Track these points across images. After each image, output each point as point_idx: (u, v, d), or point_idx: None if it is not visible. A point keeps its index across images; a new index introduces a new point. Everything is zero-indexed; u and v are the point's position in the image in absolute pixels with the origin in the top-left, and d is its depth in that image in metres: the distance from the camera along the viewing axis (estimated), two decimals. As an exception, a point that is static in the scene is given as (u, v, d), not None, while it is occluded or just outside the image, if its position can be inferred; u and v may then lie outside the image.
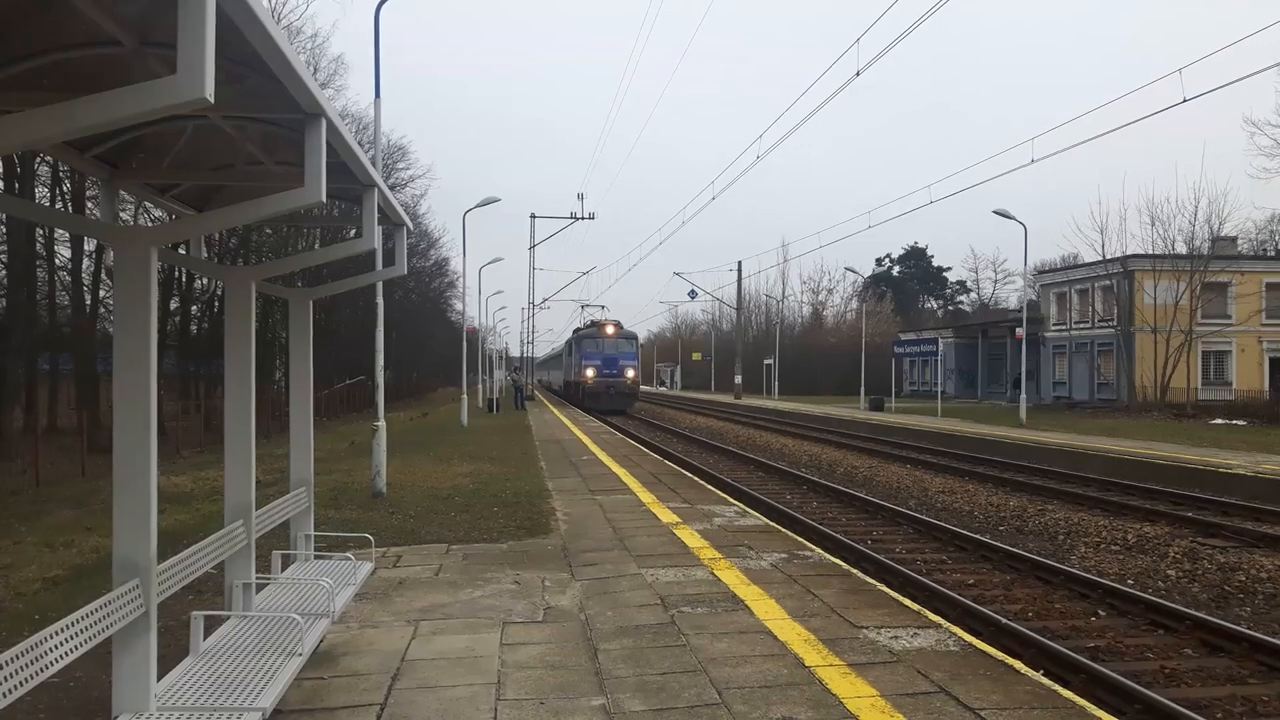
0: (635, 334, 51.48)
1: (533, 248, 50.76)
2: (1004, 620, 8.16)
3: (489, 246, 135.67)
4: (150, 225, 15.53)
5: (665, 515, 11.49)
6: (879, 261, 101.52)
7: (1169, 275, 44.88)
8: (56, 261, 30.36)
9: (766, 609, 6.87)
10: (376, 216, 5.40)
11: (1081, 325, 53.66)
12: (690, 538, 9.90)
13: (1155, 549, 11.91)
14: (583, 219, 47.39)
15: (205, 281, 35.13)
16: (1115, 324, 49.00)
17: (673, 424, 39.30)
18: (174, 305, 35.02)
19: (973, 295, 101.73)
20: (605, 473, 16.56)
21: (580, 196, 65.63)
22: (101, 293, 30.87)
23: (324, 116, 3.93)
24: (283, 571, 6.49)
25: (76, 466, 20.49)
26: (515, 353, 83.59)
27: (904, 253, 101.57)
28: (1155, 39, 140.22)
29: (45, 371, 31.25)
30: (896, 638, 6.11)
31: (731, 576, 7.98)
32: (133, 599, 3.70)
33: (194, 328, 37.44)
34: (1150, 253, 46.59)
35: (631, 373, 46.50)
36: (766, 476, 20.39)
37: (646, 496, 13.26)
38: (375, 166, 8.75)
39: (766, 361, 69.57)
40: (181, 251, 7.65)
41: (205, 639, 4.85)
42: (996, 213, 36.44)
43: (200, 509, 13.36)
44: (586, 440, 24.34)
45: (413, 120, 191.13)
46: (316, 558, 6.95)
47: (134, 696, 3.79)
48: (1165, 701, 6.15)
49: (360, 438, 22.00)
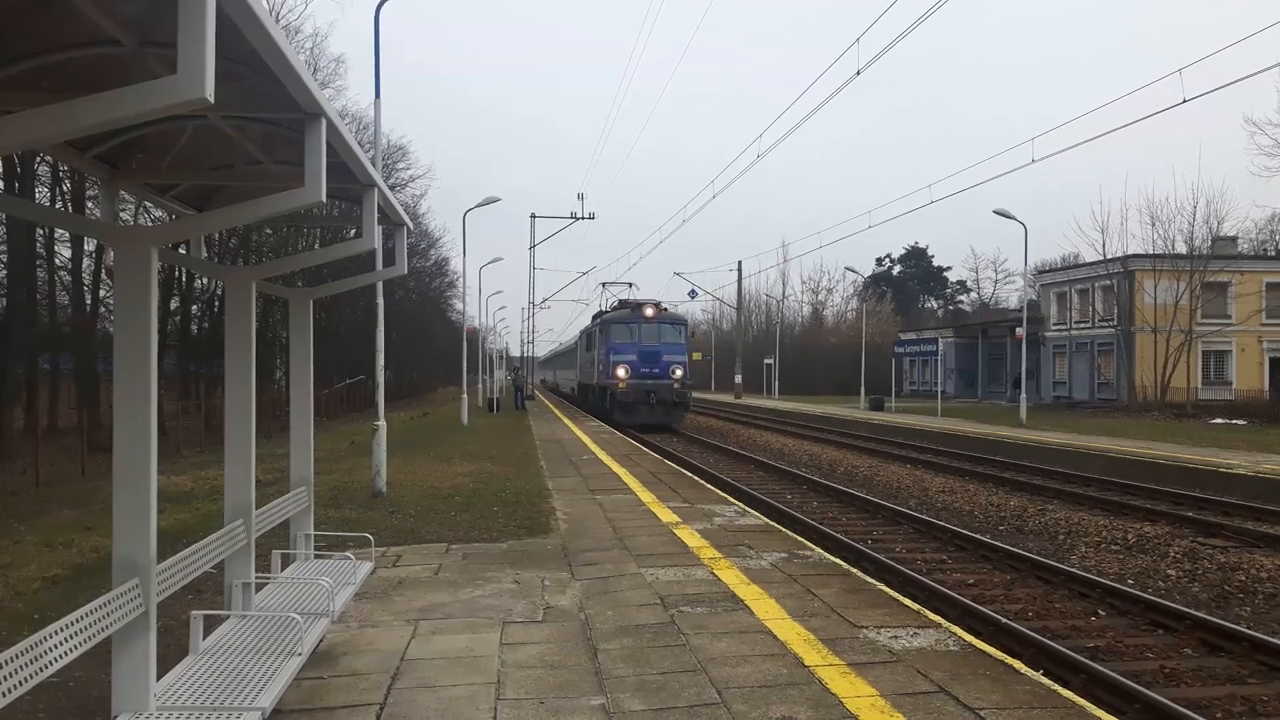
0: (684, 318, 36.65)
1: (533, 248, 50.70)
2: (1004, 620, 8.17)
3: (489, 246, 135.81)
4: (150, 225, 15.55)
5: (665, 515, 11.50)
6: (879, 261, 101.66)
7: (1169, 275, 44.90)
8: (57, 261, 30.37)
9: (766, 609, 6.88)
10: (376, 216, 5.40)
11: (1082, 325, 53.66)
12: (690, 537, 9.90)
13: (1155, 549, 11.91)
14: (583, 219, 47.31)
15: (205, 281, 35.13)
16: (1115, 324, 49.00)
17: (673, 424, 39.27)
18: (174, 305, 34.98)
19: (973, 295, 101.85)
20: (605, 472, 16.56)
21: (580, 196, 65.79)
22: (102, 292, 30.87)
23: (324, 116, 3.93)
24: (282, 571, 6.49)
25: (76, 466, 20.48)
26: (515, 352, 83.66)
27: (904, 252, 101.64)
28: (1157, 38, 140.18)
29: (45, 371, 31.26)
30: (896, 637, 6.11)
31: (731, 576, 7.98)
32: (132, 598, 3.71)
33: (194, 327, 37.41)
34: (1150, 252, 46.61)
35: (680, 371, 32.73)
36: (766, 476, 20.39)
37: (646, 496, 13.26)
38: (375, 166, 8.75)
39: (767, 361, 69.57)
40: (181, 251, 7.65)
41: (205, 638, 4.85)
42: (997, 213, 36.46)
43: (200, 508, 13.36)
44: (586, 440, 24.34)
45: (413, 120, 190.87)
46: (316, 557, 6.96)
47: (133, 696, 3.80)
48: (1165, 701, 6.15)
49: (360, 437, 22.01)
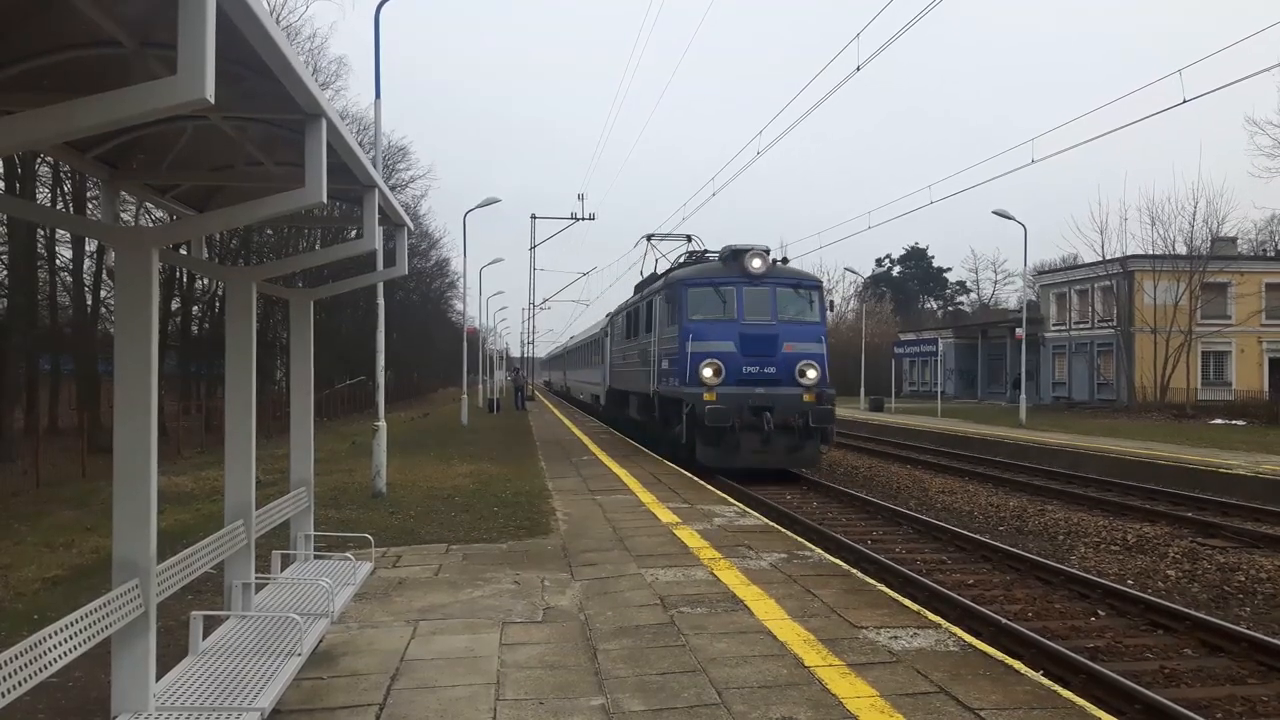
0: (817, 279, 20.98)
1: (533, 248, 50.73)
2: (1004, 620, 8.16)
3: (489, 247, 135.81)
4: (151, 226, 15.53)
5: (665, 515, 11.49)
6: (879, 262, 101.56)
7: (1169, 275, 44.86)
8: (57, 262, 30.36)
9: (766, 609, 6.88)
10: (377, 217, 5.41)
11: (1081, 326, 53.65)
12: (690, 538, 9.90)
13: (1155, 549, 11.91)
14: (583, 219, 47.30)
15: (206, 282, 35.12)
16: (1115, 324, 48.98)
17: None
18: (175, 306, 34.97)
19: (973, 295, 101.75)
20: (605, 473, 16.56)
21: (580, 197, 65.93)
22: (102, 293, 30.85)
23: (324, 117, 3.93)
24: (282, 571, 6.49)
25: (77, 467, 20.49)
26: (516, 353, 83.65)
27: (904, 253, 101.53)
28: (1157, 37, 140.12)
29: (46, 372, 31.27)
30: (896, 638, 6.11)
31: (731, 577, 7.98)
32: (132, 599, 3.71)
33: (195, 328, 37.42)
34: (1150, 253, 46.58)
35: (814, 372, 18.71)
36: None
37: (646, 496, 13.26)
38: (376, 167, 8.74)
39: (767, 361, 69.32)
40: (182, 252, 7.67)
41: (204, 639, 4.85)
42: (996, 213, 36.46)
43: (200, 509, 13.37)
44: (587, 440, 24.34)
45: (413, 120, 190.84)
46: (316, 558, 6.96)
47: (133, 696, 3.80)
48: (1165, 702, 6.14)
49: (361, 438, 22.00)
